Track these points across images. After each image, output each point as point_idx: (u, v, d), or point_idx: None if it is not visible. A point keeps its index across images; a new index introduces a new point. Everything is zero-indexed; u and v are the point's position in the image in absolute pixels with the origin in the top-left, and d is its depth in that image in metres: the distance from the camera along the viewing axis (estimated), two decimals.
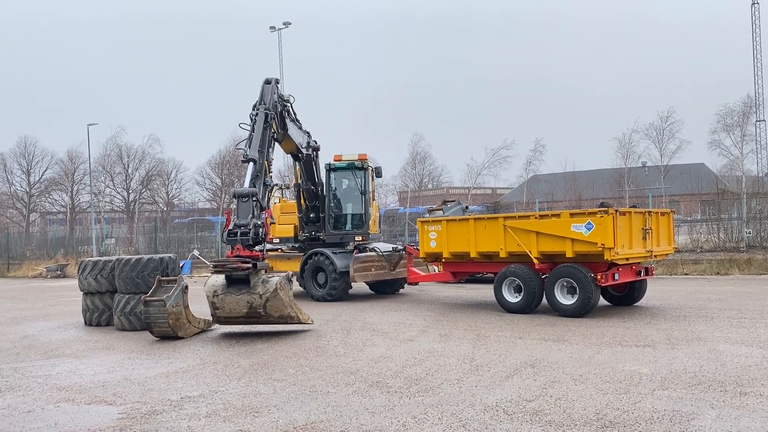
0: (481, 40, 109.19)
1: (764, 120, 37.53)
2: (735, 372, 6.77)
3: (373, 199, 16.42)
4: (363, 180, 15.68)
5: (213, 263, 10.24)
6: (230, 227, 10.20)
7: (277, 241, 16.19)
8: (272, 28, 48.16)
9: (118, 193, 53.49)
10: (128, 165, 52.19)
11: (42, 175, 54.94)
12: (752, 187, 30.55)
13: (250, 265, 9.70)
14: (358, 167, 15.65)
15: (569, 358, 7.69)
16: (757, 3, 38.25)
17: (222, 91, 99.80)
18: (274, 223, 15.75)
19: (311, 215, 15.73)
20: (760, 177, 36.07)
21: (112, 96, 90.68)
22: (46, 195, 56.04)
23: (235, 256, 9.80)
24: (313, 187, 15.42)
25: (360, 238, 15.44)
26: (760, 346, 8.10)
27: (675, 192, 42.79)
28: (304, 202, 15.66)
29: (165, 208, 54.06)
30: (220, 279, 9.83)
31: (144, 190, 52.99)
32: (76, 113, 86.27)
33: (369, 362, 7.89)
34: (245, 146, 11.36)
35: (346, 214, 15.92)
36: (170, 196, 55.44)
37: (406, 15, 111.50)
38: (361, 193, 15.66)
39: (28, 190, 54.41)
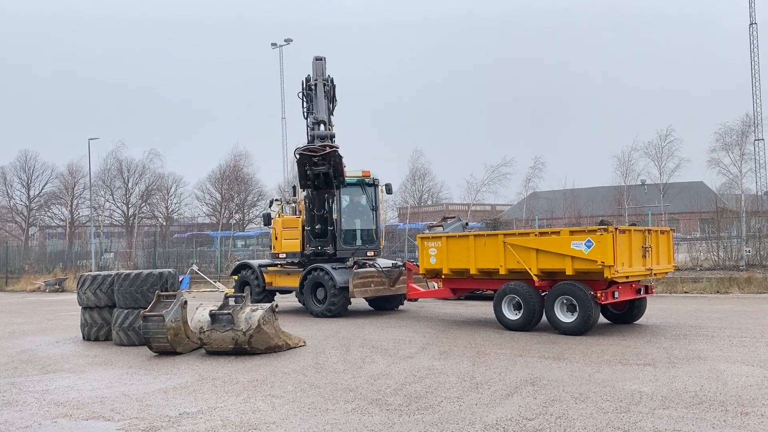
0: (477, 54, 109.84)
1: (763, 139, 37.75)
2: (736, 391, 6.75)
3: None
4: (374, 196, 15.96)
5: (299, 150, 12.30)
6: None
7: (284, 255, 15.97)
8: (274, 44, 48.54)
9: (117, 207, 53.62)
10: (128, 179, 52.36)
11: (42, 189, 55.13)
12: (751, 205, 30.61)
13: (330, 149, 11.60)
14: (368, 183, 15.92)
15: (569, 377, 7.66)
16: (755, 24, 38.60)
17: (223, 106, 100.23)
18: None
19: (317, 227, 15.54)
20: (759, 196, 36.16)
21: (113, 110, 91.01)
22: (46, 209, 56.11)
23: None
24: (326, 195, 15.15)
25: (372, 253, 15.66)
26: (761, 365, 8.08)
27: (674, 210, 42.86)
28: (314, 213, 15.41)
29: (164, 223, 54.07)
30: (204, 315, 9.91)
31: (143, 204, 53.07)
32: (77, 127, 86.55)
33: (368, 379, 7.86)
34: (314, 110, 13.15)
35: (358, 230, 16.04)
36: (170, 210, 55.51)
37: (406, 27, 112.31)
38: (372, 210, 15.93)
39: (27, 204, 54.51)
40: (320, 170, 10.78)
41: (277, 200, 17.97)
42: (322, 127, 13.57)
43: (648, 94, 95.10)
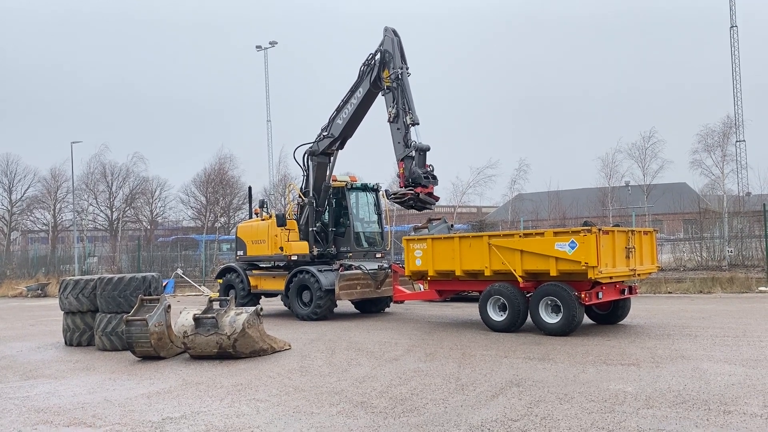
0: (461, 57, 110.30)
1: (744, 140, 38.06)
2: (719, 390, 6.80)
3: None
4: (376, 200, 16.61)
5: (394, 194, 13.27)
6: (412, 173, 12.85)
7: (295, 258, 15.54)
8: (258, 47, 48.27)
9: (101, 211, 53.07)
10: (112, 183, 51.85)
11: (24, 193, 54.42)
12: (733, 206, 30.84)
13: (409, 195, 12.90)
14: (371, 188, 16.60)
15: (554, 377, 7.69)
16: (736, 26, 39.03)
17: (207, 109, 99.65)
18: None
19: (318, 224, 15.77)
20: (741, 196, 36.49)
21: (96, 113, 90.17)
22: (28, 213, 55.41)
23: (427, 194, 12.99)
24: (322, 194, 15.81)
25: (380, 255, 16.22)
26: (743, 364, 8.16)
27: (658, 211, 43.17)
28: (318, 209, 15.73)
29: (149, 227, 53.61)
30: (188, 320, 9.83)
31: (128, 208, 52.56)
32: (60, 131, 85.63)
33: (354, 382, 7.84)
34: (411, 111, 13.12)
35: (365, 232, 16.43)
36: (154, 214, 55.03)
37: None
38: (378, 214, 16.63)
39: (9, 209, 53.77)
40: (411, 202, 13.04)
41: (264, 202, 17.87)
42: (414, 134, 12.99)
43: (631, 95, 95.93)
